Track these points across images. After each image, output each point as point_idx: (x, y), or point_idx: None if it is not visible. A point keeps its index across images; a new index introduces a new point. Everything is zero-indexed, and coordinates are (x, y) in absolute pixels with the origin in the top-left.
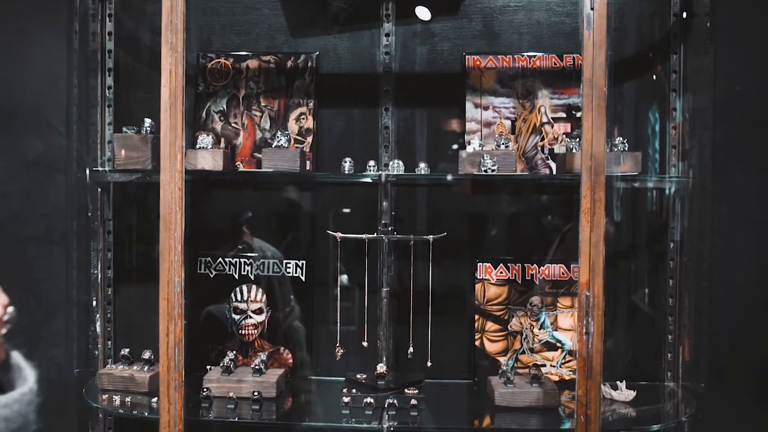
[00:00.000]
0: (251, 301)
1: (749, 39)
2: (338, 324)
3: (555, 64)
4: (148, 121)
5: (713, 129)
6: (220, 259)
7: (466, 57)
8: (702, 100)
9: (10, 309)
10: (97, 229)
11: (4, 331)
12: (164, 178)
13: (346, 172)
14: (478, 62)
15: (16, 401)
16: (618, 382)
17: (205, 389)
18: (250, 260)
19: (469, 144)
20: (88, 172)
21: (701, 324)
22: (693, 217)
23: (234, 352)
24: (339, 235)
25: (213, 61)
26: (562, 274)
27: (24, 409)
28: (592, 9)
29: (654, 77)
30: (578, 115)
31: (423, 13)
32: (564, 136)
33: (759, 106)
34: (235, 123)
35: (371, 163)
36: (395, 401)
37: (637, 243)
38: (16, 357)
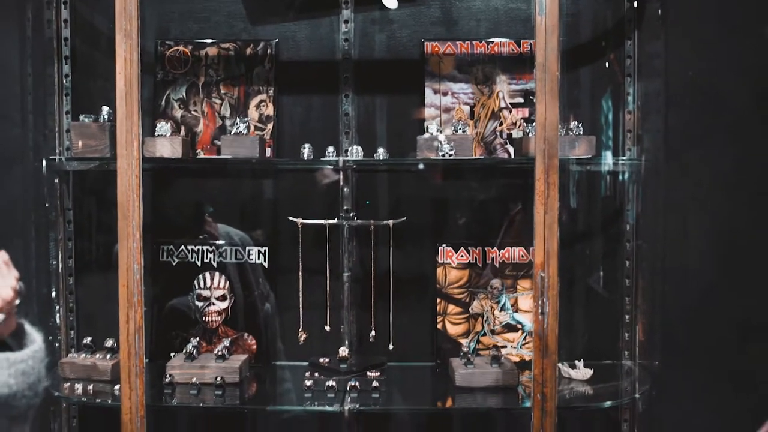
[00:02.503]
0: (214, 288)
1: (701, 25)
2: (301, 309)
3: (513, 50)
4: (105, 109)
5: (666, 114)
6: (183, 247)
7: (425, 43)
8: (655, 85)
9: (20, 283)
10: (56, 219)
11: (17, 302)
12: (121, 165)
13: (305, 158)
14: (436, 48)
15: (30, 357)
16: (576, 361)
17: (168, 375)
18: (213, 248)
19: (427, 129)
20: (45, 161)
21: (655, 304)
22: (647, 200)
23: (197, 338)
24: (300, 221)
25: (172, 49)
26: (522, 256)
27: (37, 365)
28: None
29: (607, 63)
30: (534, 100)
31: (390, 1)
32: (522, 120)
33: (711, 91)
34: (195, 111)
35: (330, 149)
36: (357, 384)
37: (594, 225)
38: (25, 323)
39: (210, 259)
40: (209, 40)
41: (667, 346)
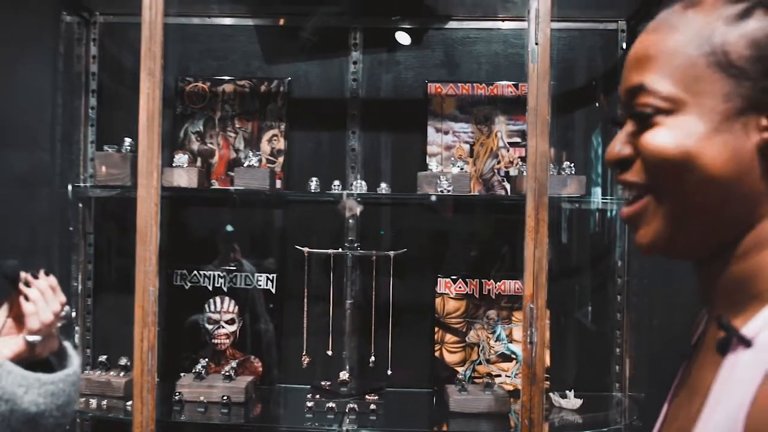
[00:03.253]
0: (224, 312)
1: None
2: (305, 334)
3: (512, 92)
4: (128, 141)
5: None
6: (195, 272)
7: (429, 84)
8: None
9: (66, 308)
10: (78, 242)
11: (59, 325)
12: (141, 193)
13: (312, 191)
14: (439, 89)
15: (61, 380)
16: (567, 392)
17: (177, 393)
18: (224, 273)
19: (429, 167)
20: (70, 187)
21: (642, 338)
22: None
23: (206, 359)
24: (306, 250)
25: (191, 85)
26: (518, 289)
27: (68, 387)
28: (536, 44)
29: (598, 104)
30: None
31: (403, 38)
32: (519, 159)
33: None
34: (211, 143)
35: (336, 182)
36: (356, 406)
37: (584, 260)
38: (68, 345)
39: (221, 284)
40: (226, 78)
41: (655, 378)
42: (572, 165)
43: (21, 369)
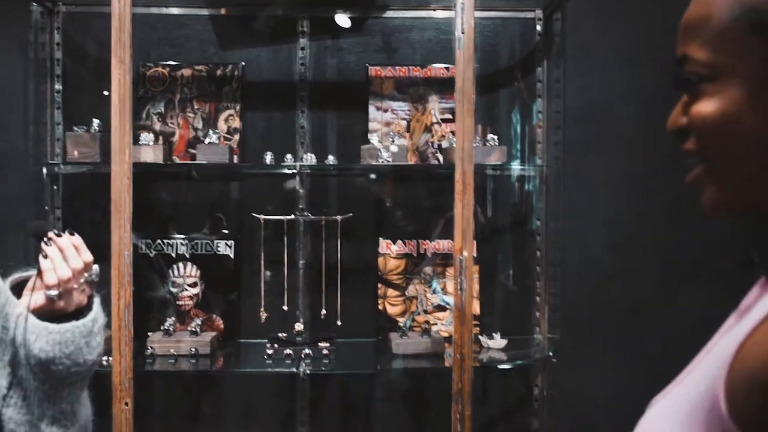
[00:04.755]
0: (186, 276)
1: (594, 56)
2: (262, 293)
3: (443, 74)
4: (96, 121)
5: (564, 128)
6: (159, 241)
7: (369, 68)
8: (556, 104)
9: (95, 267)
10: (48, 217)
11: (82, 281)
12: (115, 168)
13: (268, 163)
14: (379, 72)
15: (69, 330)
16: (494, 334)
17: (149, 348)
18: (185, 241)
19: (371, 141)
20: (45, 167)
21: (557, 287)
22: (551, 200)
23: (173, 318)
24: (262, 217)
25: (151, 70)
26: (450, 248)
27: (77, 338)
28: (462, 33)
29: (516, 84)
30: None
31: (342, 20)
32: (450, 133)
33: (602, 109)
34: (172, 123)
35: (288, 156)
36: (311, 352)
37: (507, 220)
38: (95, 302)
39: (183, 251)
40: (184, 63)
41: (567, 321)
42: (495, 137)
43: (34, 318)
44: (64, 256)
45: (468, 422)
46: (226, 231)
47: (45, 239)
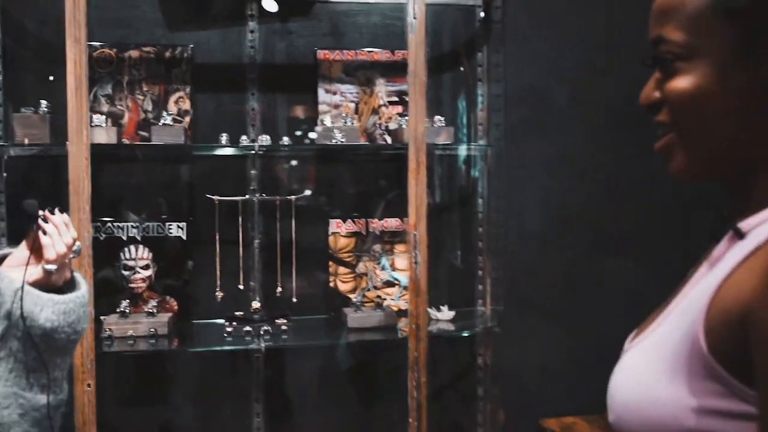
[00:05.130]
0: (139, 258)
1: (533, 43)
2: (218, 273)
3: (389, 58)
4: (44, 103)
5: (506, 111)
6: (109, 224)
7: (318, 51)
8: (496, 87)
9: (78, 243)
10: None
11: (71, 257)
12: (72, 150)
13: (224, 144)
14: (327, 56)
15: (72, 301)
16: (441, 306)
17: (107, 330)
18: (136, 224)
19: (321, 122)
20: None
21: (499, 261)
22: (493, 178)
23: (127, 301)
24: (216, 198)
25: (98, 51)
26: (398, 226)
27: (77, 308)
28: (414, 18)
29: (461, 68)
30: (407, 98)
31: (270, 5)
32: (397, 115)
33: (540, 93)
34: (121, 105)
35: (243, 137)
36: (269, 328)
37: (454, 197)
38: (77, 275)
39: (134, 233)
40: (132, 44)
41: (509, 294)
42: (443, 118)
43: (38, 290)
44: (59, 232)
45: (423, 389)
46: (164, 216)
47: (41, 217)
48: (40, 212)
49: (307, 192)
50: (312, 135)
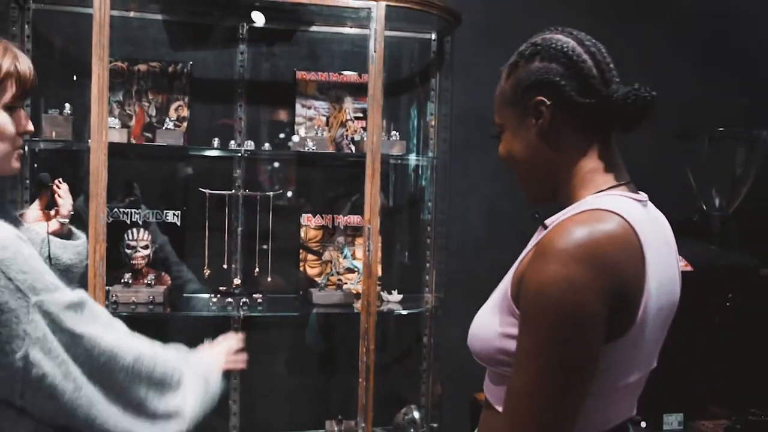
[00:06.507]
0: (139, 240)
1: (477, 70)
2: (206, 255)
3: (356, 80)
4: (67, 105)
5: (451, 128)
6: (115, 209)
7: (297, 72)
8: (445, 108)
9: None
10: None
11: (67, 220)
12: (94, 146)
13: (215, 147)
14: (304, 76)
15: (81, 245)
16: (392, 291)
17: (114, 295)
18: (139, 210)
19: (297, 132)
20: (26, 145)
21: (443, 255)
22: (439, 185)
23: (130, 274)
24: (208, 191)
25: (112, 64)
26: (359, 221)
27: (83, 249)
28: (374, 51)
29: (415, 90)
30: None
31: (258, 18)
32: (361, 129)
33: (482, 113)
34: (129, 110)
35: (232, 142)
36: (248, 300)
37: (406, 200)
38: (73, 228)
39: (136, 218)
40: (140, 59)
41: (451, 282)
42: (397, 133)
43: (58, 239)
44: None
45: (372, 356)
46: (132, 199)
47: (57, 184)
48: (55, 182)
49: (283, 191)
50: (290, 143)
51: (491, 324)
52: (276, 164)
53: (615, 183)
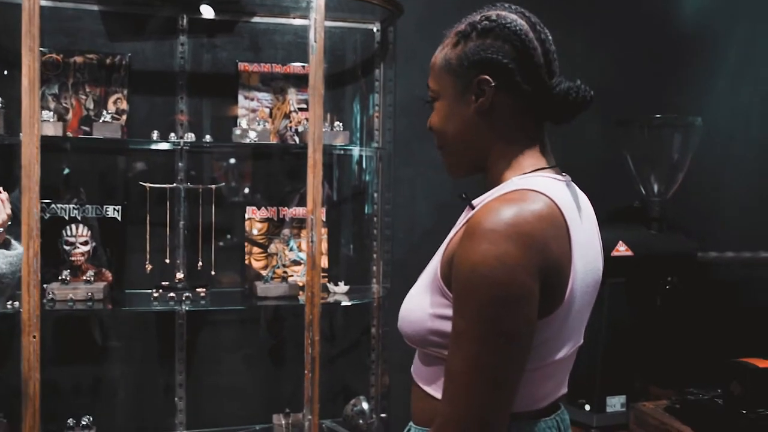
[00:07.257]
0: (78, 236)
1: (419, 61)
2: (148, 249)
3: (299, 71)
4: None
5: (395, 117)
6: (53, 205)
7: (239, 63)
8: (389, 98)
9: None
10: None
11: (8, 224)
12: (26, 140)
13: (155, 139)
14: (247, 67)
15: (15, 256)
16: (339, 282)
17: (50, 293)
18: (77, 206)
19: (239, 124)
20: None
21: (389, 246)
22: (384, 175)
23: (68, 271)
24: (149, 185)
25: (46, 56)
26: (305, 213)
27: (17, 261)
28: (315, 42)
29: (359, 81)
30: None
31: (207, 11)
32: (305, 120)
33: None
34: (66, 103)
35: (172, 134)
36: (190, 295)
37: (350, 191)
38: (11, 238)
39: (75, 214)
40: (76, 50)
41: (396, 273)
42: (341, 124)
43: None
44: (3, 206)
45: (317, 347)
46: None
47: None
48: None
49: (226, 183)
50: (232, 135)
51: (422, 305)
52: (218, 157)
53: (541, 166)
